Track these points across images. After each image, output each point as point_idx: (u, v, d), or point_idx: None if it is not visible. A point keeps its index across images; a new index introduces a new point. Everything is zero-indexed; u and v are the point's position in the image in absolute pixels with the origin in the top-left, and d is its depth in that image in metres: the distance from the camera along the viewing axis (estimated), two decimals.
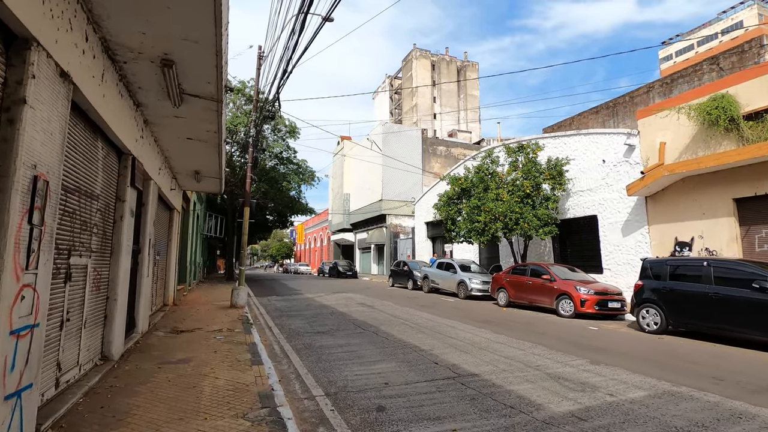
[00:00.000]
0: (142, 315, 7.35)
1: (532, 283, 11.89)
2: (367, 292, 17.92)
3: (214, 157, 8.41)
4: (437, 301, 14.42)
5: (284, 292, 18.45)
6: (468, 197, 15.33)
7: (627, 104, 21.13)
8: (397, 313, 11.46)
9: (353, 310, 11.86)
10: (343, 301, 14.19)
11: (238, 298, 11.72)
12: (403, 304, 13.36)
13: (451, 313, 11.40)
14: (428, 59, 74.36)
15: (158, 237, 9.82)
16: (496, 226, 13.75)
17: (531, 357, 6.49)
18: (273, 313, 11.41)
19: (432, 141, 36.08)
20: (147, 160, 6.84)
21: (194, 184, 11.59)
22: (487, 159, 15.78)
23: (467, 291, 15.02)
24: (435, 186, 25.63)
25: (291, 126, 24.74)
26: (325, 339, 7.86)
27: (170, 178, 9.92)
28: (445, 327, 9.16)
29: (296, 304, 13.59)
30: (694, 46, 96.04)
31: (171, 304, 11.61)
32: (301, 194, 27.19)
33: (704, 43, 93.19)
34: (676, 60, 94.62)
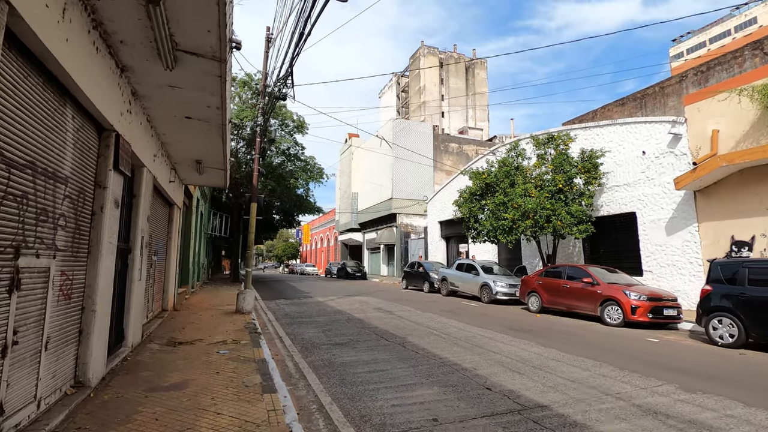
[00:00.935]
0: (132, 325, 6.26)
1: (570, 287, 10.69)
2: (381, 295, 16.78)
3: (218, 143, 7.32)
4: (460, 306, 13.25)
5: (293, 294, 17.36)
6: (492, 193, 14.14)
7: (657, 95, 19.84)
8: (420, 319, 10.31)
9: (371, 317, 10.73)
10: (357, 306, 13.06)
11: (244, 302, 10.63)
12: (423, 309, 12.20)
13: (481, 321, 10.23)
14: (436, 56, 73.14)
15: (155, 235, 8.75)
16: (525, 223, 12.56)
17: (603, 380, 5.31)
18: (283, 320, 10.30)
19: (443, 137, 34.90)
20: (138, 142, 5.75)
21: (196, 177, 10.52)
22: (513, 152, 14.59)
23: (491, 295, 13.84)
24: (450, 183, 24.46)
25: (299, 121, 23.68)
26: (347, 353, 6.72)
27: (169, 168, 8.84)
28: (480, 338, 7.99)
29: (307, 308, 12.48)
30: (706, 44, 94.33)
31: (171, 310, 10.53)
32: (309, 192, 26.12)
33: (717, 40, 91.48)
34: (688, 58, 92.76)
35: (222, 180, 10.70)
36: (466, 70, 75.04)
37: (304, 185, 24.94)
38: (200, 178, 10.64)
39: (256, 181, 11.25)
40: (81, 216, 4.25)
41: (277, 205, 28.49)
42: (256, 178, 11.23)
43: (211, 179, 10.80)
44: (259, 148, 11.22)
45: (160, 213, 9.26)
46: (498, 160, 14.72)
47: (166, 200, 9.69)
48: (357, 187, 40.21)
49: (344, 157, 43.75)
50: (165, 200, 9.63)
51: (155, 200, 8.55)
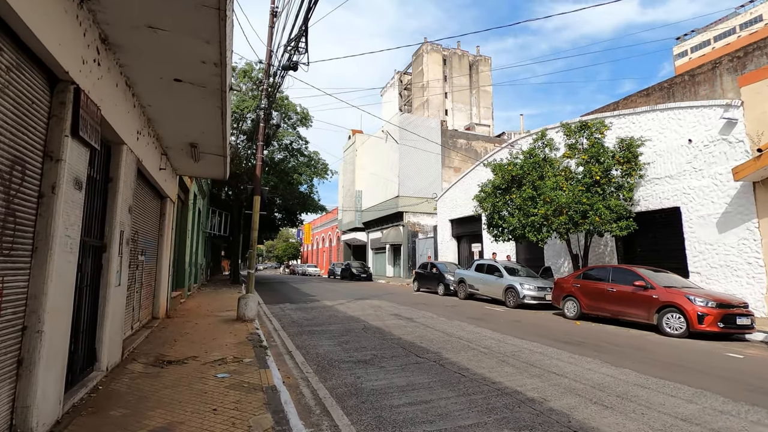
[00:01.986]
0: (109, 341, 4.98)
1: (616, 290, 9.41)
2: (393, 299, 15.50)
3: (215, 119, 6.04)
4: (485, 312, 11.97)
5: (298, 298, 16.08)
6: (518, 187, 12.86)
7: (686, 84, 18.57)
8: (446, 328, 9.04)
9: (390, 325, 9.45)
10: (371, 311, 11.78)
11: (246, 309, 9.35)
12: (446, 315, 10.93)
13: (517, 330, 8.95)
14: (440, 53, 71.87)
15: (143, 231, 7.47)
16: (559, 220, 11.28)
17: (723, 420, 4.03)
18: (290, 329, 9.02)
19: (452, 133, 33.65)
20: (113, 109, 4.48)
21: (192, 166, 9.24)
22: (540, 142, 13.32)
23: (518, 299, 12.56)
24: (462, 179, 23.20)
25: (303, 113, 22.40)
26: (374, 375, 5.45)
27: (159, 153, 7.57)
28: (529, 353, 6.72)
29: (316, 314, 11.19)
30: (710, 42, 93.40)
31: (163, 317, 9.25)
32: (313, 189, 24.82)
33: (722, 38, 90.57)
34: (692, 56, 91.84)
35: (221, 169, 9.42)
36: (470, 67, 73.77)
37: (308, 181, 23.64)
38: (196, 167, 9.36)
39: (259, 172, 9.97)
40: (17, 198, 2.97)
41: (279, 203, 27.20)
42: (260, 168, 9.96)
43: (208, 169, 9.52)
44: (263, 134, 9.95)
45: (149, 206, 7.98)
46: (524, 151, 13.44)
47: (156, 191, 8.41)
48: (361, 185, 38.94)
49: (347, 154, 42.47)
50: (155, 191, 8.35)
51: (142, 190, 7.27)
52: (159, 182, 7.96)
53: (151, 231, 8.31)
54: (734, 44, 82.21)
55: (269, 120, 10.09)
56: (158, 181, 7.87)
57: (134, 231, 6.76)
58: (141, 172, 6.83)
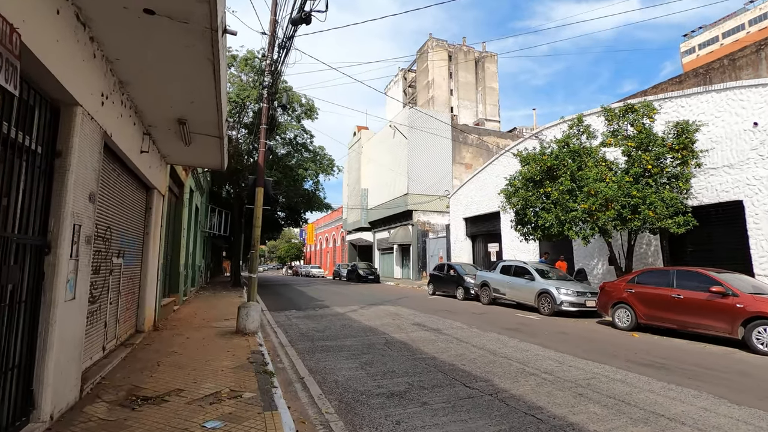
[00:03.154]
0: (55, 380, 3.57)
1: (683, 297, 7.96)
2: (409, 303, 14.08)
3: (206, 77, 4.63)
4: (520, 321, 10.52)
5: (304, 303, 14.67)
6: (553, 179, 11.41)
7: (726, 68, 17.11)
8: (485, 342, 7.61)
9: (416, 338, 8.03)
10: (389, 320, 10.36)
11: (247, 320, 7.94)
12: (477, 326, 9.49)
13: (569, 345, 7.51)
14: (445, 50, 70.36)
15: (120, 228, 6.08)
16: (606, 215, 9.82)
17: None
18: (300, 344, 7.61)
19: (462, 128, 32.19)
20: (54, 46, 3.09)
21: (182, 152, 7.84)
22: (575, 128, 11.87)
23: (554, 305, 11.11)
24: (478, 174, 21.75)
25: (308, 104, 21.00)
26: (417, 417, 4.04)
27: (138, 130, 6.16)
28: (607, 382, 5.28)
29: (327, 324, 9.78)
30: (719, 38, 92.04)
31: (149, 330, 7.85)
32: (319, 185, 23.40)
33: (730, 34, 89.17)
34: (699, 53, 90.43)
35: (217, 156, 8.01)
36: (476, 63, 72.26)
37: (314, 177, 22.21)
38: (188, 153, 7.96)
39: (262, 160, 8.56)
40: None
41: (282, 201, 25.79)
42: (263, 156, 8.54)
43: (203, 156, 8.11)
44: (267, 116, 8.55)
45: (129, 198, 6.59)
46: (557, 140, 11.99)
47: (138, 180, 7.02)
48: (367, 183, 37.53)
49: (352, 152, 41.06)
50: (137, 180, 6.95)
51: (118, 177, 5.88)
52: (141, 169, 6.56)
53: (132, 228, 6.91)
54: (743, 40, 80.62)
55: (273, 100, 8.68)
56: (140, 168, 6.47)
57: (105, 227, 5.36)
58: (114, 153, 5.44)
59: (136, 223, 7.12)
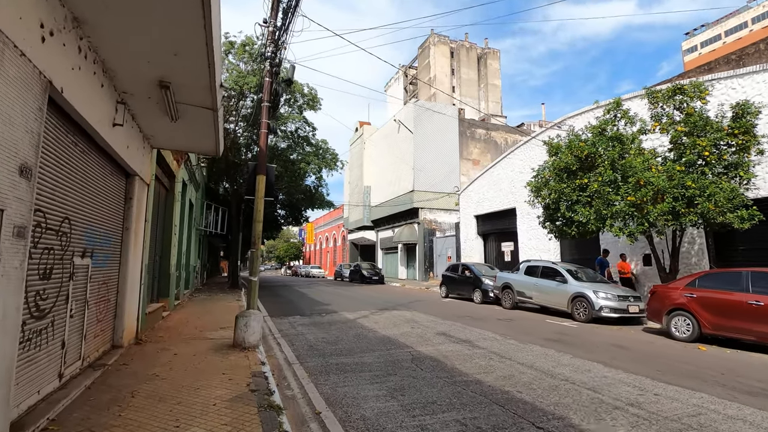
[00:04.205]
0: None
1: (765, 305, 6.73)
2: (425, 308, 12.83)
3: (193, 13, 3.36)
4: (557, 329, 9.28)
5: (309, 307, 13.40)
6: (589, 169, 10.18)
7: (762, 53, 15.93)
8: (530, 359, 6.36)
9: (447, 353, 6.77)
10: (407, 328, 9.11)
11: (247, 331, 6.67)
12: (512, 336, 8.25)
13: (637, 363, 6.28)
14: (447, 46, 69.09)
15: (86, 221, 4.81)
16: (657, 209, 8.59)
17: None
18: (310, 360, 6.34)
19: (470, 123, 30.96)
20: None
21: (169, 133, 6.57)
22: (612, 113, 10.64)
23: (592, 311, 9.88)
24: (492, 168, 20.50)
25: (310, 94, 19.72)
26: None
27: (109, 94, 4.89)
28: (726, 422, 4.04)
29: (339, 333, 8.51)
30: (721, 36, 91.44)
31: (130, 344, 6.58)
32: (322, 181, 22.10)
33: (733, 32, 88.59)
34: (702, 51, 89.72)
35: (211, 137, 6.72)
36: (478, 60, 71.03)
37: (316, 171, 20.91)
38: (177, 134, 6.68)
39: (265, 143, 7.28)
40: None
41: (282, 198, 24.50)
42: (266, 138, 7.26)
43: (194, 137, 6.82)
44: (270, 92, 7.28)
45: (99, 183, 5.31)
46: (592, 126, 10.75)
47: (113, 163, 5.74)
48: (370, 180, 36.27)
49: (354, 148, 39.77)
50: (111, 162, 5.68)
51: (81, 154, 4.60)
52: (117, 148, 5.29)
53: (106, 222, 5.63)
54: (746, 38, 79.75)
55: (277, 74, 7.40)
56: (115, 147, 5.20)
57: (60, 218, 4.08)
58: (74, 122, 4.17)
59: (111, 216, 5.85)
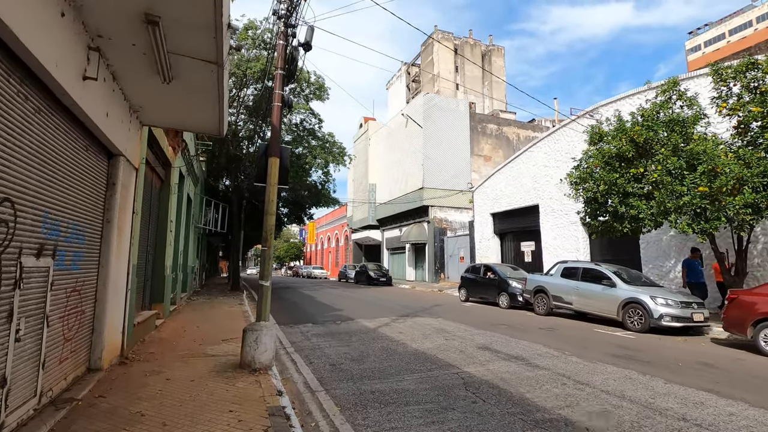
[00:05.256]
0: None
1: None
2: (449, 314, 11.55)
3: None
4: (615, 340, 8.00)
5: (318, 312, 12.10)
6: (644, 157, 8.91)
7: None
8: (622, 388, 5.08)
9: (504, 375, 5.48)
10: (440, 339, 7.82)
11: (257, 348, 5.38)
12: (570, 351, 6.96)
13: (745, 389, 5.00)
14: (451, 42, 67.81)
15: (45, 207, 3.52)
16: (738, 200, 7.32)
17: None
18: (337, 386, 5.05)
19: (481, 118, 29.68)
20: None
21: (161, 101, 5.28)
22: (668, 94, 9.37)
23: (650, 319, 8.60)
24: (511, 163, 19.23)
25: (317, 83, 18.44)
26: None
27: (77, 36, 3.59)
28: None
29: (362, 346, 7.21)
30: (725, 35, 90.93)
31: (111, 365, 5.28)
32: (329, 177, 20.78)
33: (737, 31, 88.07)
34: (705, 51, 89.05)
35: (214, 109, 5.42)
36: (483, 57, 69.77)
37: (323, 166, 19.60)
38: (171, 104, 5.39)
39: (278, 119, 6.01)
40: None
41: (285, 195, 23.21)
42: (278, 113, 5.99)
43: (192, 108, 5.52)
44: (283, 56, 6.00)
45: (67, 159, 4.02)
46: (644, 109, 9.48)
47: (88, 135, 4.45)
48: (375, 177, 34.99)
49: (359, 145, 38.48)
50: (86, 134, 4.39)
51: (35, 113, 3.31)
52: (90, 112, 4.00)
53: (77, 210, 4.34)
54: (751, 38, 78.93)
55: (293, 35, 6.12)
56: (87, 109, 3.91)
57: None
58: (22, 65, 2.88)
59: (85, 204, 4.55)
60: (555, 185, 16.30)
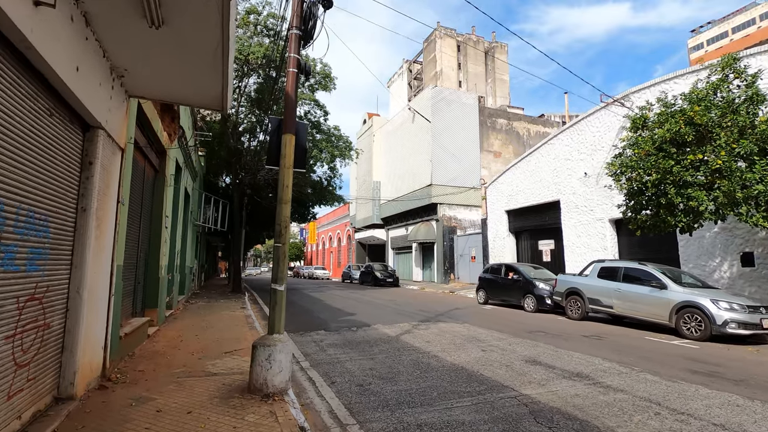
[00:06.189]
0: None
1: None
2: (472, 318, 10.50)
3: None
4: (688, 354, 6.95)
5: (330, 317, 11.03)
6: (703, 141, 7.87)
7: None
8: (731, 417, 4.04)
9: (580, 402, 4.43)
10: (476, 351, 6.76)
11: (270, 369, 4.33)
12: (637, 364, 5.91)
13: None
14: (453, 39, 66.79)
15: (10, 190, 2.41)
16: None
17: None
18: (372, 419, 3.99)
19: (490, 112, 28.63)
20: None
21: (149, 58, 4.22)
22: (725, 73, 8.33)
23: (711, 326, 7.56)
24: (528, 157, 18.18)
25: (323, 72, 17.37)
26: None
27: None
28: None
29: (388, 359, 6.15)
30: (728, 33, 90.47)
31: (87, 391, 4.22)
32: (335, 172, 19.68)
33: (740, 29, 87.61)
34: (708, 49, 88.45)
35: (215, 74, 4.37)
36: (485, 54, 68.77)
37: (329, 161, 18.52)
38: (162, 66, 4.33)
39: (293, 89, 4.96)
40: None
41: None
42: (295, 83, 4.95)
43: (189, 71, 4.46)
44: (300, 14, 4.96)
45: (16, 120, 2.95)
46: (697, 89, 8.44)
47: (51, 93, 3.38)
48: (379, 175, 33.93)
49: (363, 141, 37.41)
50: (48, 91, 3.31)
51: None
52: (52, 61, 2.94)
53: (35, 192, 3.28)
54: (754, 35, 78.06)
55: None
56: (48, 57, 2.85)
57: None
58: None
59: (49, 186, 3.49)
60: (579, 179, 15.28)
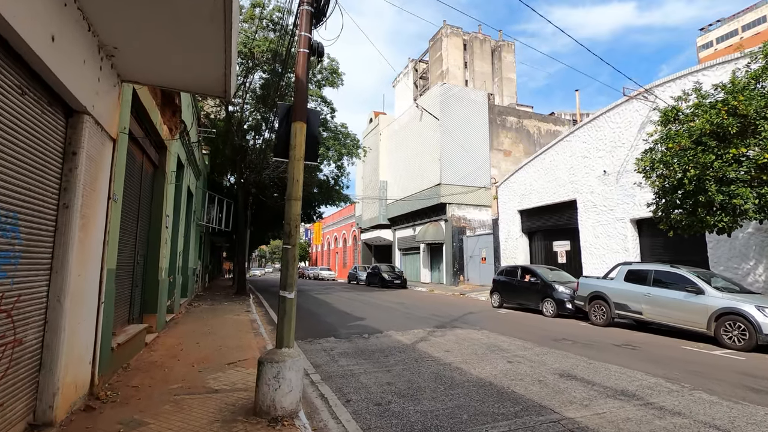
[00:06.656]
0: None
1: None
2: (490, 324, 9.91)
3: None
4: (738, 368, 6.32)
5: (340, 322, 10.48)
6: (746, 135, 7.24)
7: None
8: None
9: (628, 426, 3.84)
10: (504, 363, 6.18)
11: (279, 388, 3.77)
12: (688, 381, 5.31)
13: None
14: (460, 38, 66.10)
15: None
16: None
17: None
18: None
19: (500, 110, 27.98)
20: None
21: (143, 33, 3.68)
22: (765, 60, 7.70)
23: (757, 335, 6.93)
24: (542, 155, 17.55)
25: (330, 67, 16.86)
26: None
27: None
28: None
29: (409, 375, 5.58)
30: (738, 31, 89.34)
31: (71, 414, 3.68)
32: (342, 170, 19.14)
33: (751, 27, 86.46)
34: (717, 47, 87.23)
35: (218, 52, 3.84)
36: (492, 53, 68.01)
37: (336, 159, 17.99)
38: (158, 43, 3.79)
39: (303, 73, 4.43)
40: None
41: None
42: (306, 64, 4.42)
43: (187, 49, 3.93)
44: None
45: None
46: (737, 80, 7.80)
47: (19, 63, 2.84)
48: (386, 174, 33.38)
49: (369, 141, 36.86)
50: (15, 62, 2.78)
51: None
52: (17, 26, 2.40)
53: (1, 189, 2.74)
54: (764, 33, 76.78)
55: None
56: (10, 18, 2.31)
57: None
58: None
59: (20, 177, 2.96)
60: (597, 177, 14.64)
